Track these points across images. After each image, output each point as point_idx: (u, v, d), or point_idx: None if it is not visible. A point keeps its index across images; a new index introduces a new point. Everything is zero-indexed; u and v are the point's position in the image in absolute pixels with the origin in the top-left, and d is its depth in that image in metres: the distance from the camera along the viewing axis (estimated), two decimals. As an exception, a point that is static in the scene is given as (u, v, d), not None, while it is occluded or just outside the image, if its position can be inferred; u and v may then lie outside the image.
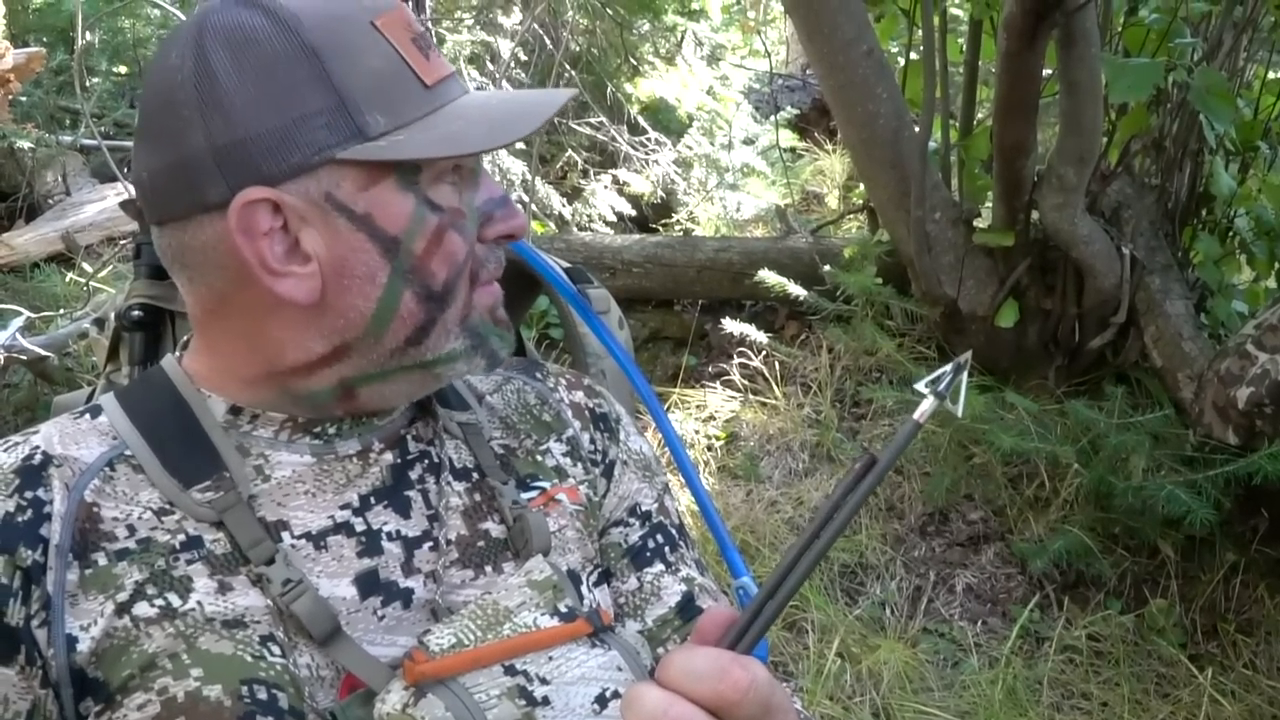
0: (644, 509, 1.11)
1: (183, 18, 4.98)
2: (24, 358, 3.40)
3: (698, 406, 4.08)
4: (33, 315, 3.75)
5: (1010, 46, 3.17)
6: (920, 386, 0.82)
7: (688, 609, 1.06)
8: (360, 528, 0.94)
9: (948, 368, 0.81)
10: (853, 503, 0.81)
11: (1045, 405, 3.58)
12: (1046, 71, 3.52)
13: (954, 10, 4.45)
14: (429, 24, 5.08)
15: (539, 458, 1.06)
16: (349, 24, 0.88)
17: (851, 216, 5.02)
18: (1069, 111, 3.33)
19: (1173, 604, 3.21)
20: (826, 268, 4.09)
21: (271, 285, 0.89)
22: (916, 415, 0.80)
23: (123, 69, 6.56)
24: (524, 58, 5.63)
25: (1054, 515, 3.43)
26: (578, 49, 5.83)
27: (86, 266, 4.45)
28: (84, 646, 0.85)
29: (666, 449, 1.37)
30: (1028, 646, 3.13)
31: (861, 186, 4.75)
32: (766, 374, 4.10)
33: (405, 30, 0.90)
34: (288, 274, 0.89)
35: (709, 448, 3.91)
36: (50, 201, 5.37)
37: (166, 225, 0.92)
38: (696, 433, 3.95)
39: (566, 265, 1.37)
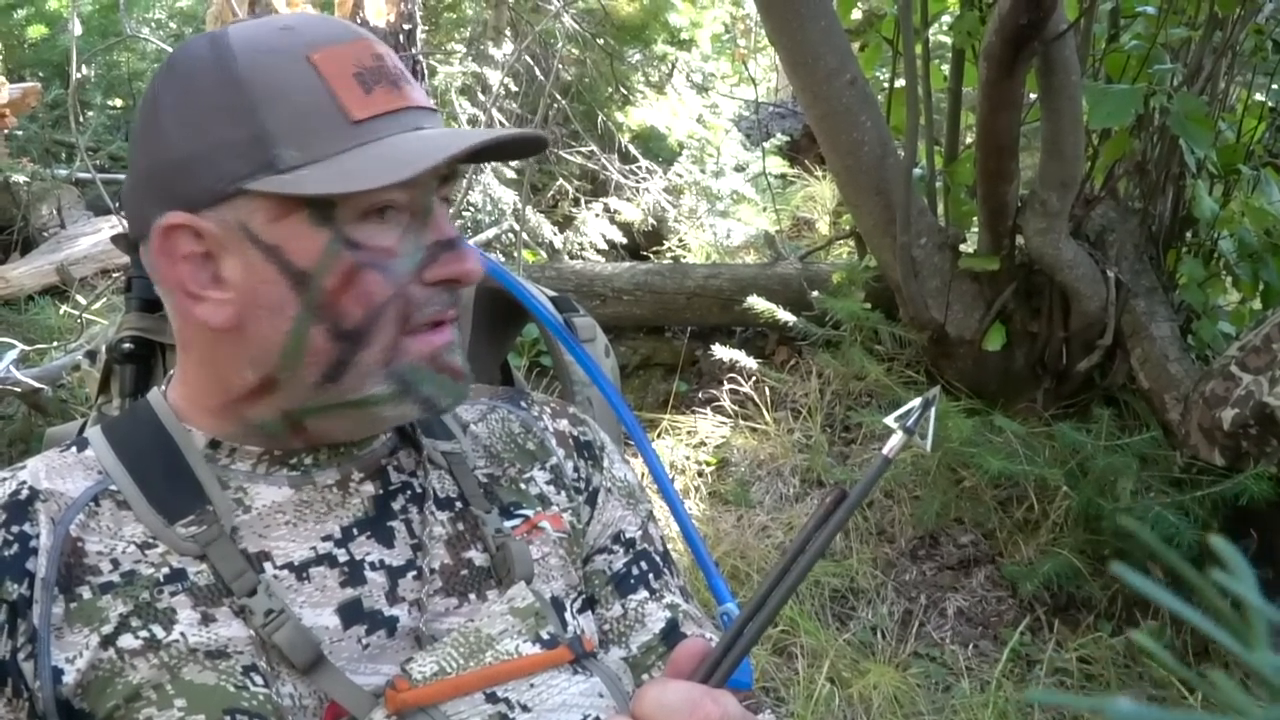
0: (628, 536, 1.11)
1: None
2: (18, 390, 3.40)
3: (689, 432, 4.10)
4: (27, 348, 3.75)
5: (991, 75, 3.20)
6: (889, 421, 0.83)
7: (672, 635, 1.06)
8: (343, 558, 0.95)
9: (916, 403, 0.82)
10: (822, 538, 0.83)
11: (1033, 428, 3.59)
12: (1030, 97, 3.56)
13: (938, 38, 4.49)
14: (418, 57, 5.11)
15: (522, 486, 1.07)
16: (282, 57, 0.89)
17: (840, 242, 5.05)
18: (1050, 138, 3.36)
19: (1164, 625, 3.21)
20: (815, 294, 4.11)
21: (189, 308, 0.92)
22: (885, 450, 0.81)
23: (118, 103, 6.60)
24: (515, 88, 5.66)
25: (1044, 538, 3.44)
26: (569, 79, 5.87)
27: (80, 299, 4.46)
28: (70, 679, 0.87)
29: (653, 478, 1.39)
30: (1018, 669, 3.13)
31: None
32: (757, 400, 4.11)
33: (348, 64, 0.90)
34: (204, 298, 0.91)
35: (700, 473, 3.92)
36: (45, 234, 5.38)
37: (140, 245, 0.96)
38: (687, 458, 3.96)
39: (553, 294, 1.38)
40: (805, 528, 0.82)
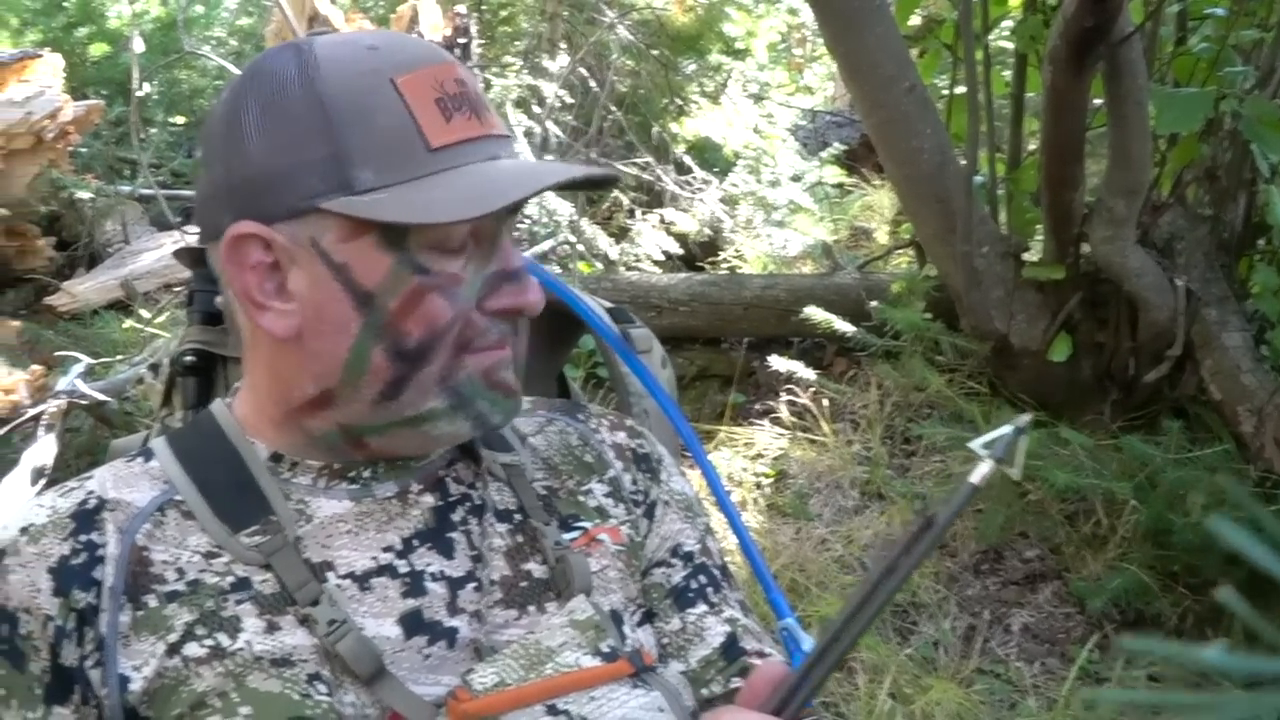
0: (686, 549, 1.10)
1: (236, 70, 5.08)
2: (84, 403, 3.48)
3: (745, 444, 4.07)
4: (93, 361, 3.83)
5: (1056, 80, 3.15)
6: (977, 448, 0.81)
7: (731, 650, 1.06)
8: (404, 569, 0.96)
9: (1006, 430, 0.80)
10: (907, 566, 0.81)
11: (1100, 441, 3.53)
12: (1095, 103, 3.51)
13: (999, 43, 4.44)
14: (475, 69, 5.14)
15: (581, 498, 1.07)
16: (367, 79, 0.90)
17: (900, 252, 5.00)
18: (1117, 144, 3.31)
19: (1236, 643, 3.13)
20: (874, 304, 4.07)
21: (253, 316, 0.95)
22: (973, 478, 0.79)
23: (179, 119, 6.71)
24: (570, 100, 5.68)
25: (1111, 553, 3.37)
26: (624, 90, 5.88)
27: (144, 313, 4.53)
28: (136, 686, 0.88)
29: (710, 490, 1.37)
30: (1086, 687, 3.07)
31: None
32: (815, 411, 4.08)
33: (432, 90, 0.91)
34: (269, 308, 0.94)
35: (757, 485, 3.89)
36: (110, 250, 5.48)
37: (208, 247, 0.98)
38: (744, 470, 3.93)
39: (609, 305, 1.38)
40: (889, 555, 0.80)
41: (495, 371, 0.96)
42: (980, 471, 0.79)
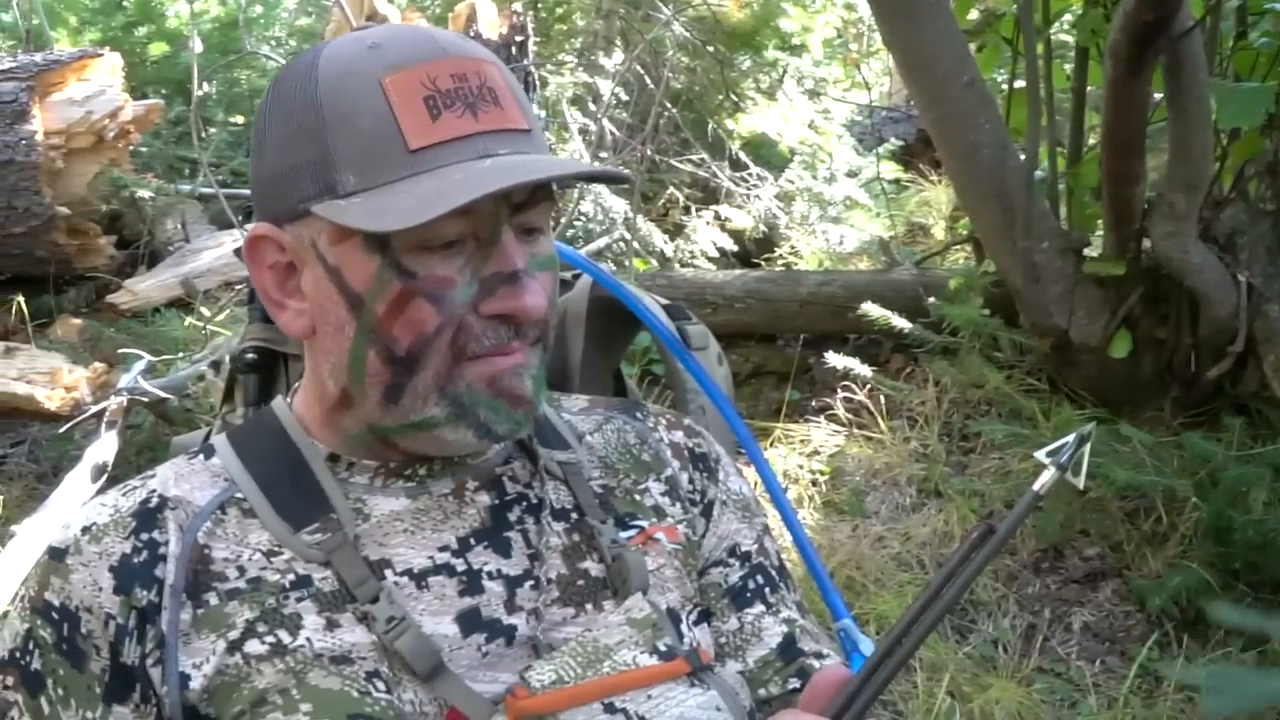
0: (743, 549, 1.10)
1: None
2: (145, 400, 3.52)
3: (801, 441, 4.06)
4: (154, 359, 3.87)
5: (1117, 74, 3.13)
6: (1041, 456, 0.81)
7: (789, 650, 1.05)
8: (461, 568, 0.96)
9: (1070, 438, 0.80)
10: (967, 574, 0.81)
11: (1161, 438, 3.50)
12: (1156, 97, 3.47)
13: (1059, 36, 4.40)
14: (530, 68, 5.16)
15: (638, 497, 1.07)
16: (358, 80, 0.89)
17: (957, 248, 4.97)
18: (1178, 138, 3.28)
19: (1300, 641, 3.10)
20: (931, 300, 4.05)
21: (275, 314, 0.97)
22: (1036, 486, 0.79)
23: (239, 119, 6.78)
24: (625, 97, 5.69)
25: (1172, 551, 3.34)
26: (679, 87, 5.88)
27: (205, 311, 4.58)
28: (196, 684, 0.89)
29: (765, 488, 1.37)
30: (1146, 686, 3.04)
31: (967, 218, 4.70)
32: (871, 408, 4.06)
33: (421, 88, 0.89)
34: (286, 306, 0.96)
35: (813, 483, 3.88)
36: (170, 249, 5.53)
37: None
38: (800, 467, 3.92)
39: (665, 302, 1.38)
40: (949, 562, 0.80)
41: (501, 380, 0.94)
42: (1043, 479, 0.79)
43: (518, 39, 5.49)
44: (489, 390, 0.94)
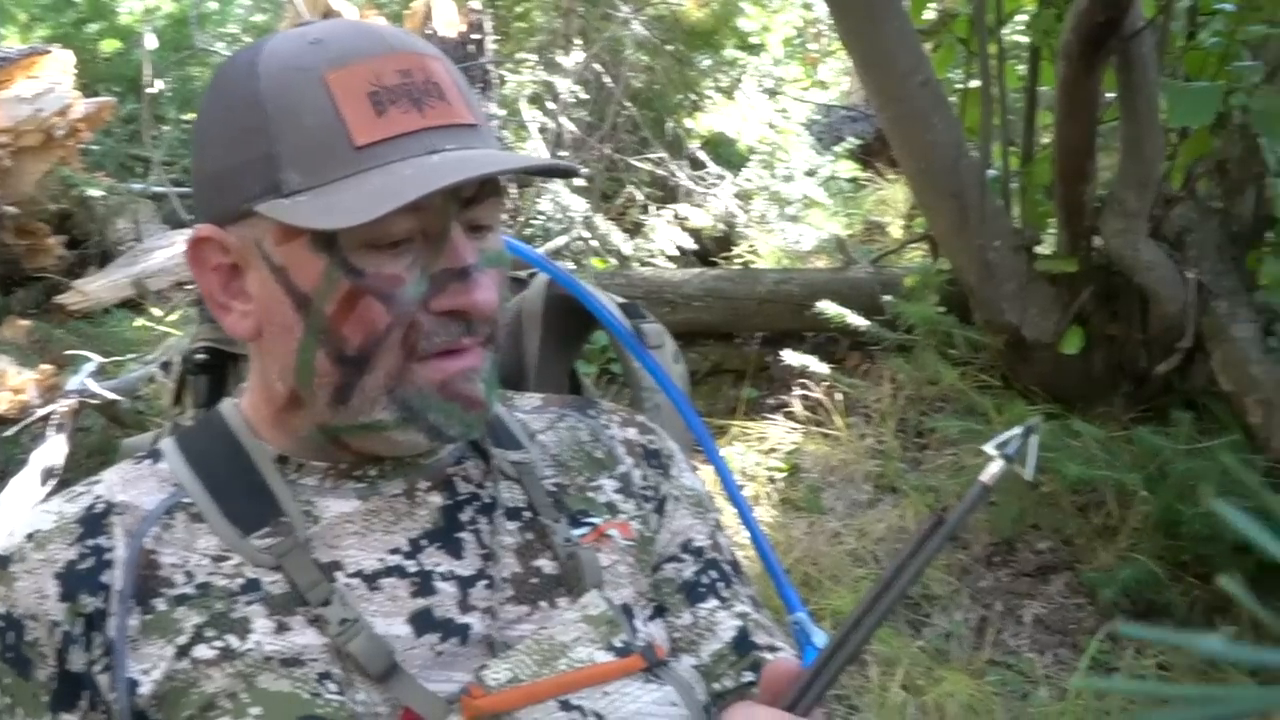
0: (697, 545, 1.10)
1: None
2: (95, 402, 3.47)
3: (759, 439, 4.08)
4: (104, 360, 3.82)
5: (1068, 74, 3.17)
6: (989, 449, 0.82)
7: (743, 644, 1.06)
8: (412, 569, 0.95)
9: (1017, 430, 0.81)
10: (918, 563, 0.82)
11: (1112, 432, 3.54)
12: (1108, 96, 3.51)
13: (1013, 37, 4.45)
14: (488, 66, 5.15)
15: (591, 494, 1.07)
16: (301, 76, 0.88)
17: (913, 246, 5.01)
18: (1129, 137, 3.32)
19: (1244, 632, 3.15)
20: (887, 298, 4.09)
21: (219, 316, 0.95)
22: (984, 478, 0.80)
23: (192, 116, 6.69)
24: (584, 96, 5.69)
25: (1123, 544, 3.39)
26: (638, 85, 5.89)
27: (156, 311, 4.54)
28: (146, 690, 0.88)
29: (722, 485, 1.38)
30: (1097, 677, 3.09)
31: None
32: (828, 405, 4.09)
33: (366, 83, 0.87)
34: (231, 309, 0.94)
35: (771, 480, 3.90)
36: (121, 248, 5.45)
37: None
38: (758, 465, 3.95)
39: (621, 300, 1.38)
40: (901, 553, 0.81)
41: (453, 384, 0.93)
42: (991, 471, 0.81)
43: (475, 37, 5.48)
44: (440, 394, 0.93)
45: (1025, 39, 4.09)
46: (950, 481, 3.67)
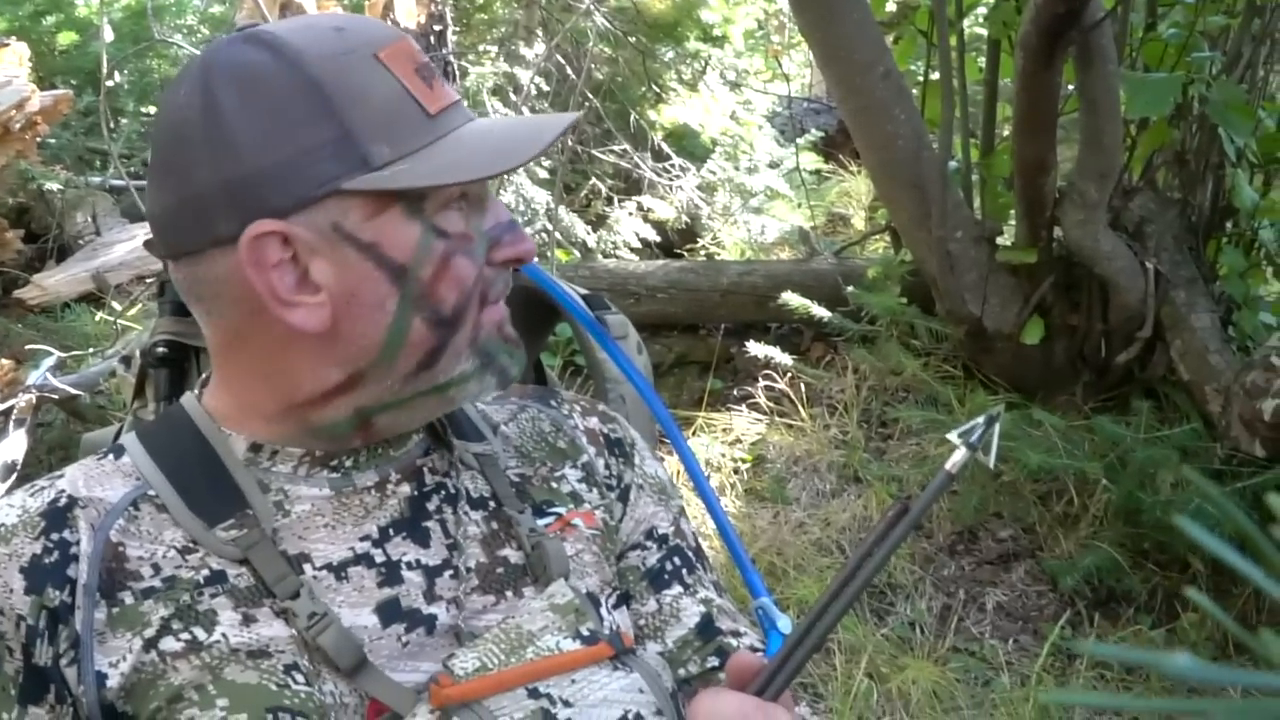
0: (660, 532, 1.12)
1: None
2: (55, 397, 3.43)
3: (724, 430, 4.09)
4: (63, 355, 3.78)
5: (1027, 65, 3.18)
6: (952, 438, 0.83)
7: (707, 630, 1.07)
8: (380, 558, 0.96)
9: (980, 420, 0.82)
10: (883, 551, 0.83)
11: (1073, 422, 3.57)
12: (1067, 88, 3.54)
13: (973, 29, 4.47)
14: (450, 57, 5.13)
15: (554, 484, 1.07)
16: (352, 57, 0.90)
17: (876, 237, 5.03)
18: (1089, 128, 3.34)
19: (1204, 618, 3.19)
20: (850, 289, 4.10)
21: (283, 315, 0.91)
22: (948, 466, 0.81)
23: (150, 109, 6.64)
24: (546, 88, 5.67)
25: (1084, 532, 3.42)
26: (601, 77, 5.88)
27: (116, 305, 4.50)
28: (113, 682, 0.88)
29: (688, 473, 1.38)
30: (1059, 664, 3.12)
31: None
32: (792, 396, 4.10)
33: (409, 61, 0.92)
34: (299, 304, 0.91)
35: (735, 470, 3.92)
36: (80, 242, 5.40)
37: (180, 260, 0.94)
38: (723, 456, 3.96)
39: (585, 292, 1.39)
40: (866, 541, 0.82)
41: (505, 326, 0.99)
42: (955, 459, 0.81)
43: (436, 28, 5.44)
44: (500, 336, 0.99)
45: (985, 31, 4.11)
46: (913, 471, 3.69)
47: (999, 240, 3.87)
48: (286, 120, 0.89)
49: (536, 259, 1.10)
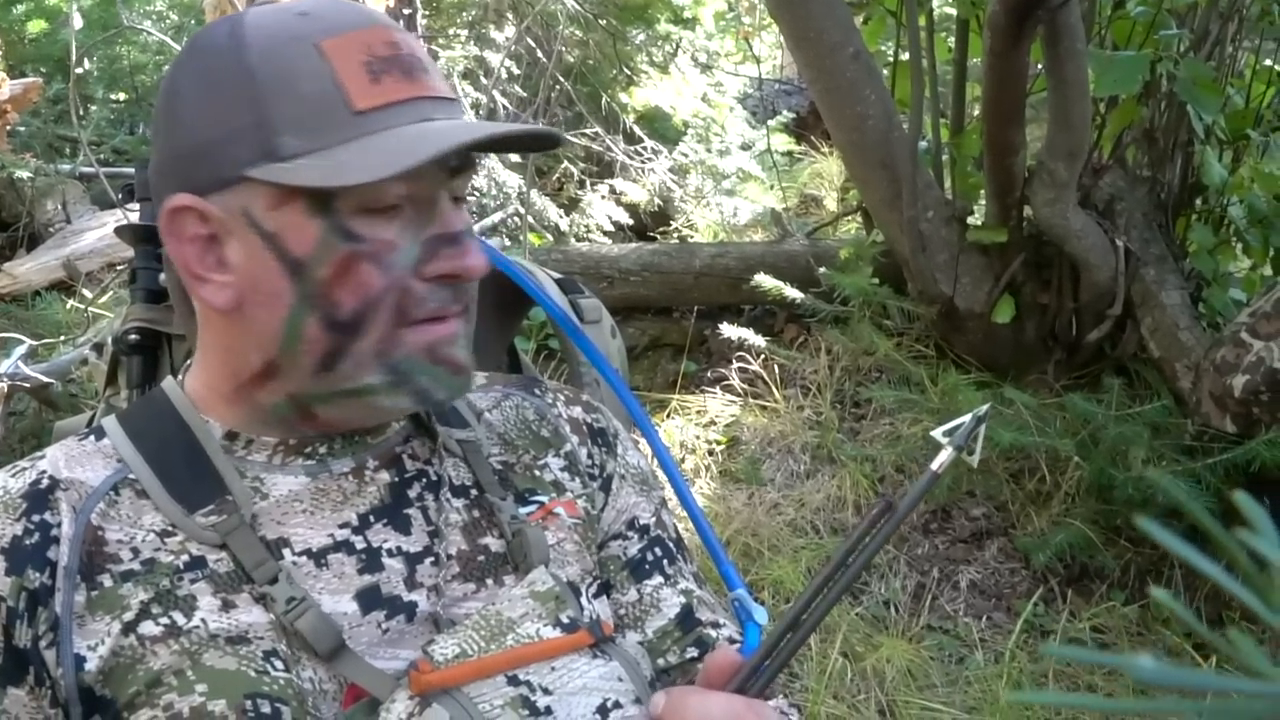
0: (642, 522, 1.12)
1: (176, 45, 5.02)
2: (27, 385, 3.42)
3: (698, 412, 4.10)
4: (35, 343, 3.77)
5: (996, 45, 3.19)
6: (938, 436, 0.83)
7: (687, 620, 1.08)
8: (360, 545, 0.96)
9: (966, 419, 0.82)
10: (869, 549, 0.83)
11: (1044, 400, 3.60)
12: (1038, 67, 3.55)
13: (942, 9, 4.48)
14: (421, 41, 5.09)
15: (537, 473, 1.07)
16: (293, 45, 0.89)
17: (848, 218, 5.04)
18: (1057, 107, 3.35)
19: (1176, 593, 3.22)
20: (823, 270, 4.11)
21: (194, 288, 0.94)
22: (934, 465, 0.81)
23: (120, 96, 6.60)
24: (517, 71, 5.66)
25: (1056, 509, 3.45)
26: (572, 60, 5.86)
27: (87, 293, 4.48)
28: (92, 665, 0.88)
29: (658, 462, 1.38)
30: (1032, 640, 3.14)
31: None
32: (766, 378, 4.12)
33: (360, 53, 0.89)
34: (208, 280, 0.93)
35: (710, 452, 3.93)
36: (51, 230, 5.39)
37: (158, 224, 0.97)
38: (697, 438, 3.97)
39: (558, 276, 1.38)
40: (851, 538, 0.82)
41: (439, 348, 0.94)
42: (940, 459, 0.81)
43: (406, 11, 5.42)
44: (428, 358, 0.94)
45: (954, 11, 4.12)
46: (887, 451, 3.71)
47: (970, 220, 3.88)
48: (219, 102, 0.90)
49: (510, 243, 1.09)
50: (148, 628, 0.88)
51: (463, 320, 0.96)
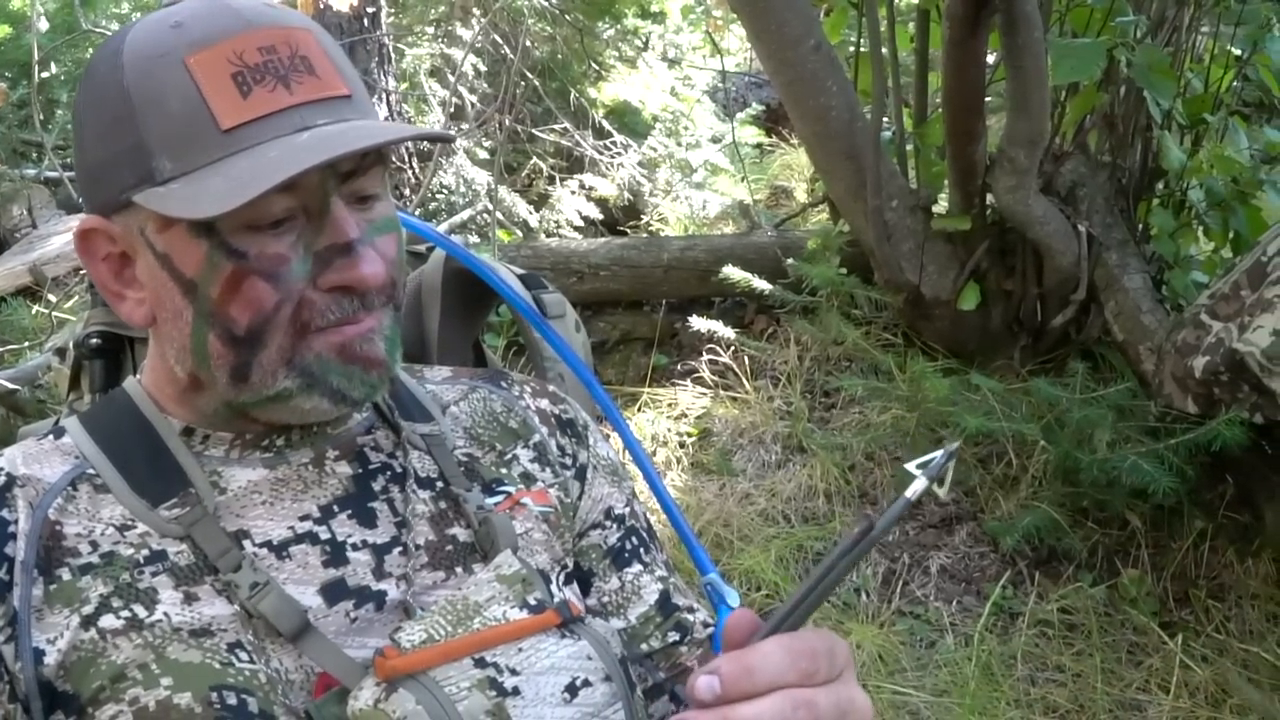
0: (617, 512, 1.13)
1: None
2: (-6, 392, 3.40)
3: (669, 405, 4.12)
4: (1, 349, 3.75)
5: (954, 35, 3.22)
6: (912, 468, 0.85)
7: (666, 605, 1.10)
8: (325, 536, 0.96)
9: (939, 454, 0.84)
10: (844, 566, 0.85)
11: (1010, 385, 3.63)
12: (994, 56, 3.58)
13: (903, 0, 4.51)
14: (384, 40, 5.09)
15: (506, 465, 1.08)
16: (163, 63, 0.87)
17: (816, 209, 5.07)
18: (1016, 95, 3.38)
19: (1144, 574, 3.26)
20: (791, 261, 4.14)
21: (114, 305, 0.96)
22: (908, 493, 0.83)
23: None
24: (484, 68, 5.66)
25: (1023, 493, 3.48)
26: (539, 56, 5.86)
27: (53, 298, 4.45)
28: (51, 659, 0.87)
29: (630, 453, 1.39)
30: (1001, 623, 3.18)
31: (823, 179, 4.78)
32: (736, 369, 4.14)
33: (228, 65, 0.87)
34: (125, 296, 0.95)
35: (682, 444, 3.95)
36: (17, 235, 5.35)
37: None
38: (669, 430, 3.99)
39: (521, 272, 1.39)
40: (829, 557, 0.84)
41: (351, 347, 0.93)
42: (914, 488, 0.84)
43: (370, 10, 5.41)
44: (339, 358, 0.93)
45: (915, 1, 4.14)
46: (856, 439, 3.74)
47: (934, 208, 3.91)
48: (103, 124, 0.90)
49: (479, 240, 1.09)
50: (108, 621, 0.88)
51: (383, 312, 0.96)
